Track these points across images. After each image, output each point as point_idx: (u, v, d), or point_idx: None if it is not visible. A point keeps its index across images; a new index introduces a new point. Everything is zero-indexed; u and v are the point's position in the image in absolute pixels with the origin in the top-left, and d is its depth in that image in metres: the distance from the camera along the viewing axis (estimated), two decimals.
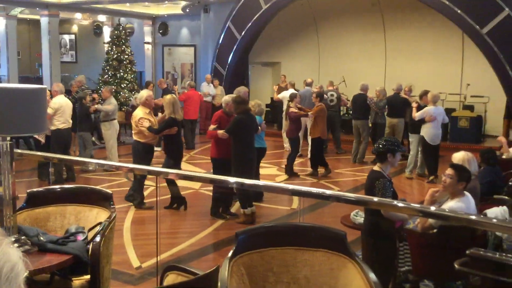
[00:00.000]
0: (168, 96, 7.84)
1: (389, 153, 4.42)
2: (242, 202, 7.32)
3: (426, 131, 9.63)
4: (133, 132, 7.79)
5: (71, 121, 9.02)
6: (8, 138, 2.93)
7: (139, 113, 7.62)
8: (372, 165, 10.57)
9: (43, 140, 8.80)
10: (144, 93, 7.88)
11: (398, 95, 11.27)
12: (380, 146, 4.47)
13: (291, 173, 10.08)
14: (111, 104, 10.19)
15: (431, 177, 9.75)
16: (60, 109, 8.81)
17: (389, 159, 4.43)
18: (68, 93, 11.55)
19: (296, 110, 10.21)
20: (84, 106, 9.90)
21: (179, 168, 7.69)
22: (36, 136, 8.52)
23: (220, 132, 7.11)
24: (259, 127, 7.86)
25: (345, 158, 12.04)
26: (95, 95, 11.58)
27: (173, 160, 7.55)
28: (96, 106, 10.29)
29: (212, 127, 7.32)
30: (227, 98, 7.62)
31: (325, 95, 11.74)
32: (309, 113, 10.21)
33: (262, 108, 8.63)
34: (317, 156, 10.29)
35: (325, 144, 12.00)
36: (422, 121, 9.62)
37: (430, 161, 9.86)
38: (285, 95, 12.53)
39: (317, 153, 10.29)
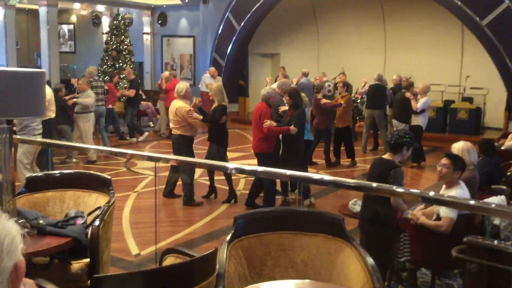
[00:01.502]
0: (216, 85, 7.67)
1: (406, 145, 4.46)
2: (304, 193, 7.27)
3: (423, 120, 10.02)
4: (174, 126, 7.32)
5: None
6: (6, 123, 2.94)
7: (183, 105, 7.24)
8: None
9: None
10: (183, 85, 7.45)
11: (401, 86, 11.32)
12: (399, 138, 4.50)
13: (330, 164, 10.09)
14: (90, 97, 9.86)
15: (422, 162, 10.26)
16: (51, 99, 8.76)
17: (403, 151, 4.49)
18: None
19: (329, 101, 10.18)
20: (59, 98, 9.44)
21: (226, 156, 7.65)
22: None
23: (293, 127, 6.87)
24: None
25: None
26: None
27: (224, 148, 7.47)
28: (74, 99, 9.95)
29: (271, 122, 6.89)
30: (270, 90, 7.31)
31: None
32: (342, 102, 10.19)
33: (307, 100, 8.44)
34: (348, 145, 10.30)
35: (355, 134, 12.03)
36: (413, 111, 9.88)
37: (420, 148, 10.14)
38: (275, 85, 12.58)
39: (347, 142, 10.32)
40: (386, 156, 4.60)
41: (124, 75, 15.71)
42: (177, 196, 7.67)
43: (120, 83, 15.28)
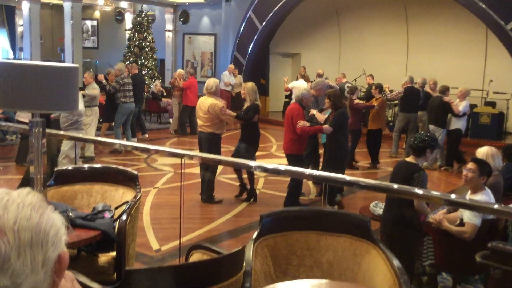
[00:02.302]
0: (250, 84, 7.61)
1: (429, 148, 4.46)
2: (330, 199, 7.15)
3: (464, 124, 10.12)
4: (205, 124, 7.19)
5: None
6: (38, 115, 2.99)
7: (215, 102, 7.13)
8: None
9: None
10: (213, 83, 7.32)
11: (424, 90, 11.32)
12: (422, 141, 4.50)
13: (350, 166, 9.91)
14: (96, 89, 9.77)
15: (461, 165, 10.05)
16: None
17: (427, 154, 4.49)
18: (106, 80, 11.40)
19: (361, 102, 10.18)
20: None
21: (255, 157, 7.53)
22: None
23: (326, 126, 6.88)
24: None
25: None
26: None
27: (255, 148, 7.41)
28: (81, 92, 9.61)
29: (305, 123, 6.86)
30: (304, 92, 7.24)
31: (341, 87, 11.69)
32: (375, 104, 10.19)
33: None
34: (376, 147, 10.31)
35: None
36: (453, 114, 9.90)
37: (460, 151, 10.25)
38: (294, 85, 12.92)
39: (376, 145, 10.33)
40: (410, 159, 4.60)
41: (145, 71, 15.85)
42: (216, 201, 7.49)
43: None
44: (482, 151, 5.26)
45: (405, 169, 4.51)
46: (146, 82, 15.61)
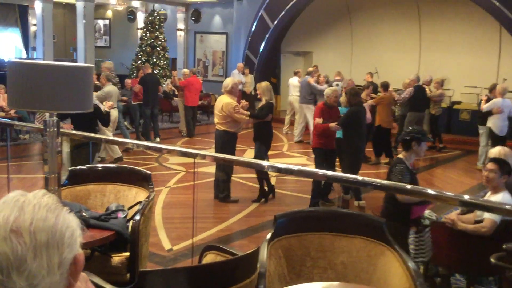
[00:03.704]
0: (264, 83, 7.68)
1: (414, 141, 4.46)
2: (356, 194, 7.34)
3: (494, 122, 10.01)
4: (219, 122, 7.25)
5: None
6: (55, 115, 3.00)
7: (230, 101, 7.18)
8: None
9: None
10: (230, 81, 7.39)
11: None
12: (406, 134, 4.58)
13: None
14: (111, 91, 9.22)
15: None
16: None
17: (413, 148, 4.50)
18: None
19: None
20: None
21: (267, 156, 7.65)
22: None
23: (332, 125, 7.05)
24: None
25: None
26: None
27: (266, 147, 7.52)
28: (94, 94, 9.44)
29: (319, 120, 7.12)
30: (329, 91, 7.43)
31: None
32: (368, 101, 10.18)
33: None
34: (377, 144, 10.32)
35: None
36: (489, 113, 9.90)
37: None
38: (290, 82, 13.81)
39: (377, 141, 10.34)
40: (400, 155, 4.67)
41: (157, 70, 15.84)
42: (231, 200, 7.50)
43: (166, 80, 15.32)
44: (495, 152, 5.19)
45: (391, 165, 4.60)
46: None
